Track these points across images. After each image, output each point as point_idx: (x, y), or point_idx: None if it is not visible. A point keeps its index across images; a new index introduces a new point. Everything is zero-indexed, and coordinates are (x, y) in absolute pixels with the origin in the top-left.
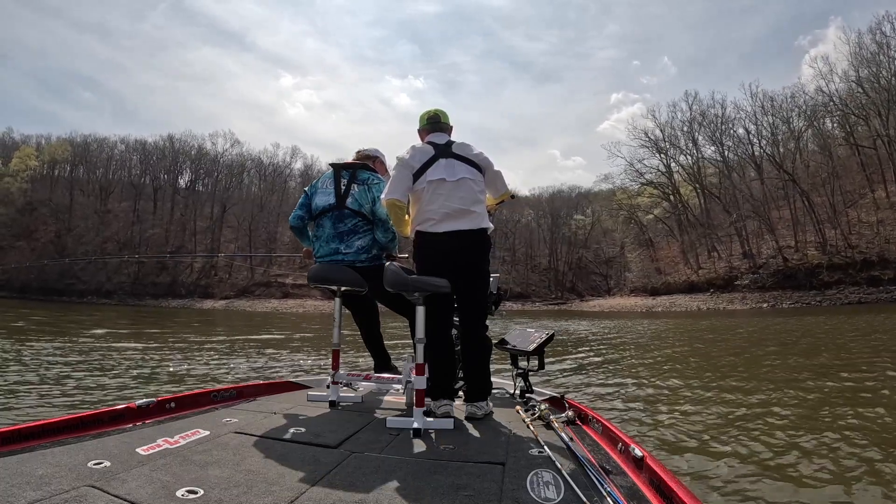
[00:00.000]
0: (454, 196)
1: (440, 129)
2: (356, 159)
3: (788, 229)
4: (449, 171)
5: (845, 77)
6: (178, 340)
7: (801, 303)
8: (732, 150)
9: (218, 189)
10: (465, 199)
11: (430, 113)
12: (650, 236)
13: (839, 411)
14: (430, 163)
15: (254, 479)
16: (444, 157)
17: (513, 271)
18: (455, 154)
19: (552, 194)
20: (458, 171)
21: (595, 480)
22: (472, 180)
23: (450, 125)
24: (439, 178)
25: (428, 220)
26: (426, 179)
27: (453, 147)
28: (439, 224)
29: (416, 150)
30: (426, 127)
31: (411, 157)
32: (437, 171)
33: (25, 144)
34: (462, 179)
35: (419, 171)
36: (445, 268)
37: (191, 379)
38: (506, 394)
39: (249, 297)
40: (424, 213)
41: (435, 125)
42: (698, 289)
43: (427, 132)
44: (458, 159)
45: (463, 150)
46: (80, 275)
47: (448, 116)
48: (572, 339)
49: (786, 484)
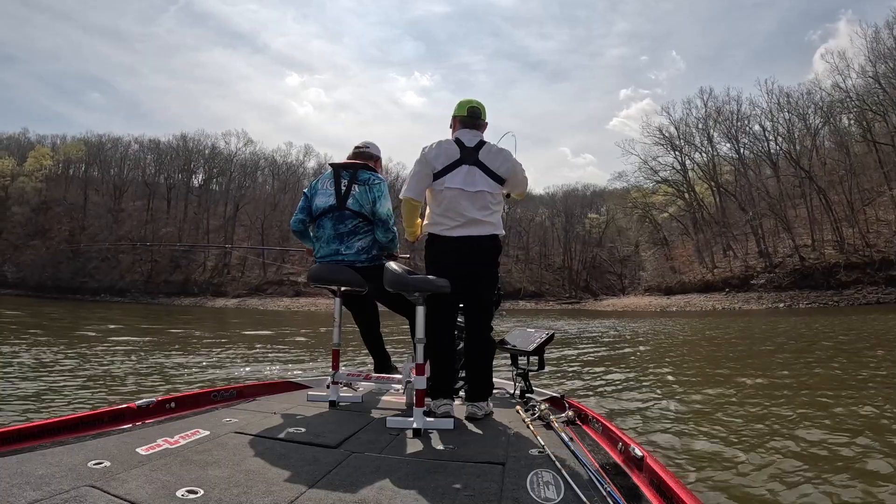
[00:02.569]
0: (470, 206)
1: (476, 125)
2: (354, 155)
3: (805, 228)
4: (468, 181)
5: (862, 72)
6: (181, 340)
7: (818, 303)
8: (748, 147)
9: (231, 188)
10: (481, 209)
11: (471, 104)
12: (665, 235)
13: (841, 411)
14: (452, 167)
15: (254, 479)
16: (467, 163)
17: (526, 270)
18: (480, 163)
19: (566, 193)
20: (477, 182)
21: (595, 480)
22: (489, 193)
23: (486, 122)
24: (458, 187)
25: (442, 224)
26: (444, 184)
27: (481, 153)
28: (453, 229)
29: (442, 150)
30: (464, 118)
31: (435, 157)
32: (456, 178)
33: (41, 144)
34: (480, 192)
35: (440, 173)
36: (457, 271)
37: (191, 379)
38: (506, 394)
39: (262, 296)
40: (439, 217)
41: (473, 119)
42: (714, 288)
43: (461, 124)
44: (482, 169)
45: (490, 158)
46: (94, 273)
47: (486, 112)
48: (573, 338)
49: (786, 484)
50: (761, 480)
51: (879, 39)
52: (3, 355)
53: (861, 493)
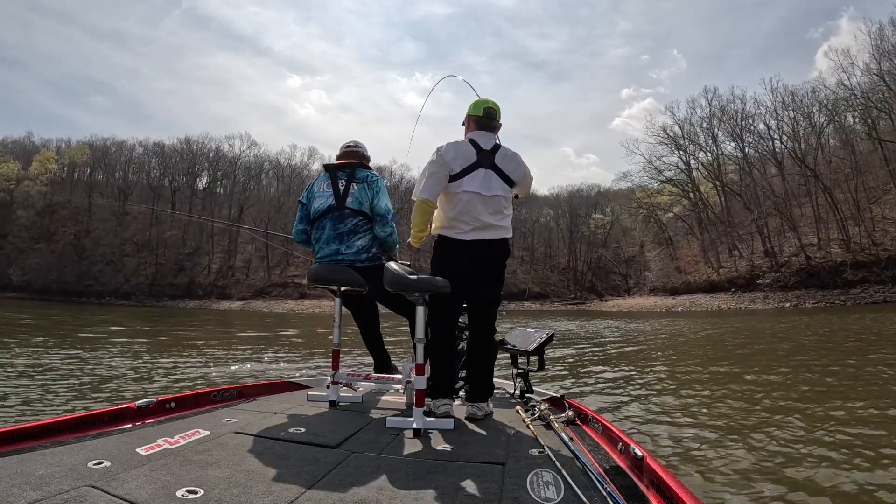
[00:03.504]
0: (485, 211)
1: (491, 127)
2: (346, 154)
3: (811, 227)
4: (485, 186)
5: (867, 70)
6: (182, 341)
7: (825, 302)
8: (753, 146)
9: (236, 190)
10: (494, 213)
11: (487, 104)
12: (670, 235)
13: (843, 411)
14: (470, 169)
15: (254, 479)
16: (484, 166)
17: (531, 271)
18: (496, 167)
19: (571, 193)
20: (493, 186)
21: (595, 480)
22: (503, 197)
23: (500, 124)
24: (475, 191)
25: (456, 227)
26: (462, 188)
27: (497, 156)
28: (468, 233)
29: (460, 152)
30: (479, 119)
31: (452, 159)
32: (474, 181)
33: (46, 148)
34: (495, 196)
35: (457, 175)
36: (466, 273)
37: (191, 379)
38: (506, 394)
39: (266, 298)
40: (453, 220)
41: (489, 121)
42: (719, 288)
43: (476, 124)
44: (497, 173)
45: (505, 163)
46: (99, 276)
47: (501, 113)
48: (574, 338)
49: (787, 484)
50: (762, 481)
51: (884, 36)
52: (4, 356)
53: (862, 494)
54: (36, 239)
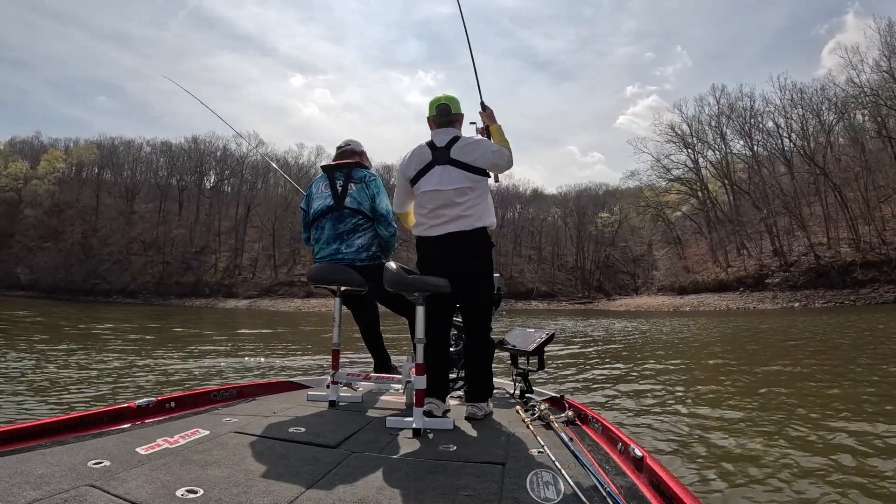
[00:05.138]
0: (448, 204)
1: (448, 122)
2: (340, 155)
3: (820, 226)
4: (444, 180)
5: (877, 67)
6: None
7: (834, 302)
8: (762, 144)
9: (243, 189)
10: (460, 204)
11: (438, 101)
12: (678, 234)
13: (843, 411)
14: (425, 170)
15: (254, 479)
16: (440, 163)
17: (539, 270)
18: (453, 161)
19: (578, 192)
20: (453, 179)
21: (595, 480)
22: (469, 188)
23: (460, 114)
24: (433, 188)
25: (424, 224)
26: (420, 188)
27: (453, 150)
28: (433, 228)
29: (413, 156)
30: (434, 118)
31: (406, 166)
32: (430, 180)
33: (53, 148)
34: (457, 189)
35: (414, 178)
36: (443, 270)
37: (191, 378)
38: (506, 394)
39: (273, 297)
40: (421, 218)
41: (443, 117)
42: (727, 287)
43: (434, 124)
44: (457, 166)
45: (463, 154)
46: (106, 275)
47: (459, 104)
48: (577, 338)
49: (787, 485)
50: (762, 481)
51: (893, 33)
52: (4, 356)
53: (862, 494)
54: (44, 238)
